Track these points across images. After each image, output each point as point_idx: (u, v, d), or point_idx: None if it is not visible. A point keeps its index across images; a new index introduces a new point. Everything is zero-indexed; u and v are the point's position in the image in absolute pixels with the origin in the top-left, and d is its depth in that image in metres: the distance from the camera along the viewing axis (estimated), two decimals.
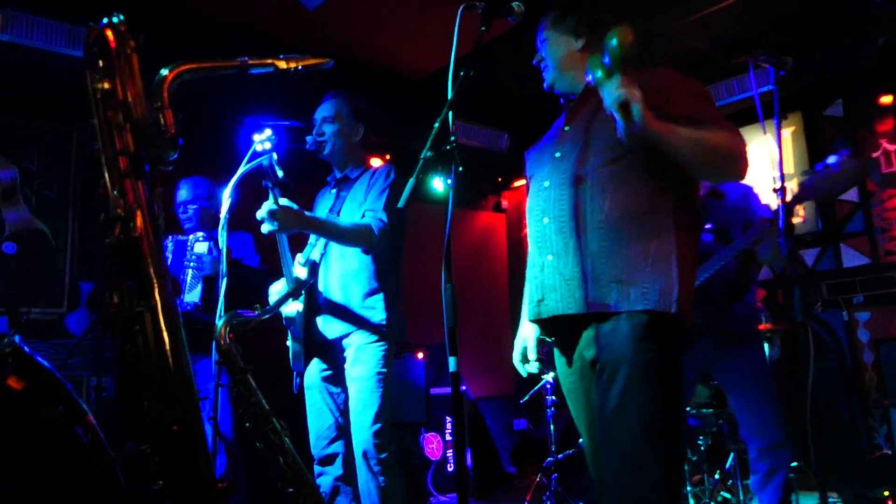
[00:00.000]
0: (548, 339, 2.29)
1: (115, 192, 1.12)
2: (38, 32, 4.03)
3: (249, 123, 4.95)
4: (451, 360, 1.88)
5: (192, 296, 3.81)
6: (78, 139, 4.84)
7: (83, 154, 4.84)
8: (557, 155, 2.13)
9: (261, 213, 2.75)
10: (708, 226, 3.26)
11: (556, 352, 2.21)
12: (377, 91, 5.38)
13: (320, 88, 3.35)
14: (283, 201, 2.77)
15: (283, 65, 1.33)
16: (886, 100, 5.13)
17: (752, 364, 3.17)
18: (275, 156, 2.78)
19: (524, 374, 2.43)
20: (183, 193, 4.04)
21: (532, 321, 2.18)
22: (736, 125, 2.02)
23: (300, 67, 1.35)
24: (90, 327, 4.43)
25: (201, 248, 3.87)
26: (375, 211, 3.01)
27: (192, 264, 3.85)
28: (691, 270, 2.01)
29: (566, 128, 2.19)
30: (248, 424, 1.80)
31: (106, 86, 1.15)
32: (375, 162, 4.54)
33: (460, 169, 2.07)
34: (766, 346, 3.27)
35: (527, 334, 2.38)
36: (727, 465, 4.07)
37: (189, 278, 3.86)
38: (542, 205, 2.11)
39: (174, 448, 1.12)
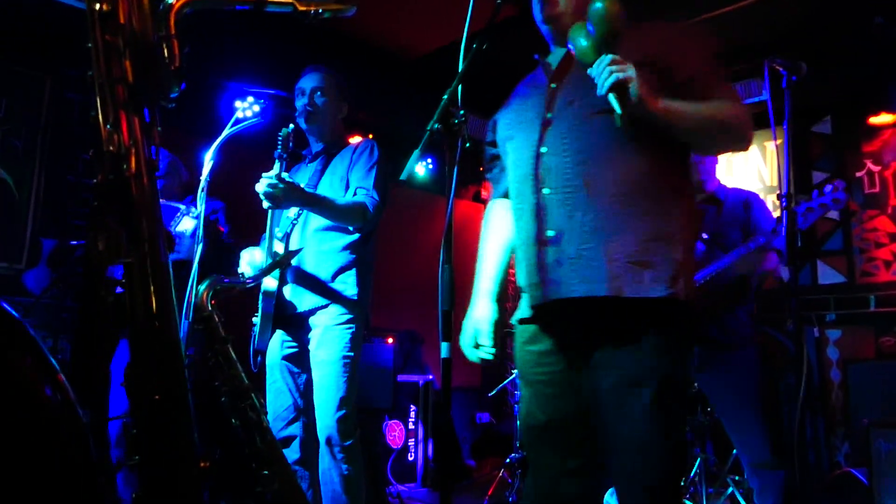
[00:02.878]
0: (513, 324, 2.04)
1: (109, 127, 0.99)
2: None
3: (232, 88, 4.82)
4: (444, 346, 1.76)
5: None
6: (51, 86, 4.60)
7: (55, 102, 4.61)
8: (549, 116, 1.90)
9: (261, 186, 2.68)
10: (704, 235, 3.17)
11: (533, 336, 1.96)
12: (366, 68, 5.26)
13: (304, 58, 3.28)
14: (285, 175, 2.72)
15: (302, 6, 1.21)
16: (877, 120, 5.13)
17: (737, 378, 3.08)
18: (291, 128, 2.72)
19: (472, 359, 2.13)
20: None
21: (533, 306, 1.92)
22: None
23: (320, 11, 1.22)
24: (49, 285, 4.24)
25: (186, 225, 3.53)
26: (367, 189, 2.95)
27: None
28: (693, 255, 1.88)
29: (553, 85, 1.95)
30: (223, 399, 1.67)
31: (105, 7, 1.01)
32: (356, 140, 4.42)
33: (468, 145, 1.96)
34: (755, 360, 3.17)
35: (481, 317, 2.10)
36: (692, 473, 4.05)
37: None
38: (539, 172, 1.88)
39: (155, 419, 1.00)
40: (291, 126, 2.81)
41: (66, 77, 4.61)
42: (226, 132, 2.81)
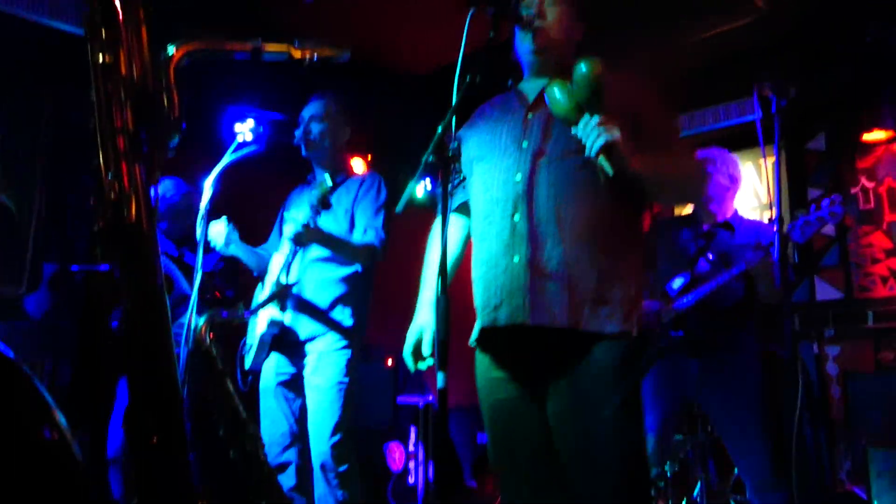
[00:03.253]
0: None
1: (110, 176, 1.02)
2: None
3: (231, 111, 4.84)
4: (440, 376, 1.79)
5: None
6: (51, 105, 4.58)
7: (55, 121, 4.58)
8: (525, 145, 1.97)
9: (289, 231, 2.82)
10: (710, 256, 3.19)
11: (491, 364, 2.01)
12: (365, 85, 5.28)
13: (305, 79, 3.31)
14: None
15: (297, 54, 1.24)
16: (870, 136, 5.16)
17: (739, 395, 3.06)
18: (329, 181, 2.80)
19: (412, 370, 2.20)
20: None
21: (486, 327, 1.99)
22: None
23: (315, 58, 1.26)
24: (49, 309, 4.24)
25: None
26: (377, 229, 3.06)
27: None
28: (642, 292, 2.01)
29: (530, 115, 2.02)
30: (221, 432, 1.69)
31: (108, 59, 1.05)
32: (356, 162, 4.43)
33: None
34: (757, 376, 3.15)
35: (424, 325, 2.14)
36: (694, 494, 4.04)
37: None
38: (512, 198, 1.94)
39: (153, 460, 1.02)
40: (329, 181, 2.81)
41: (65, 97, 4.59)
42: (226, 159, 2.82)
